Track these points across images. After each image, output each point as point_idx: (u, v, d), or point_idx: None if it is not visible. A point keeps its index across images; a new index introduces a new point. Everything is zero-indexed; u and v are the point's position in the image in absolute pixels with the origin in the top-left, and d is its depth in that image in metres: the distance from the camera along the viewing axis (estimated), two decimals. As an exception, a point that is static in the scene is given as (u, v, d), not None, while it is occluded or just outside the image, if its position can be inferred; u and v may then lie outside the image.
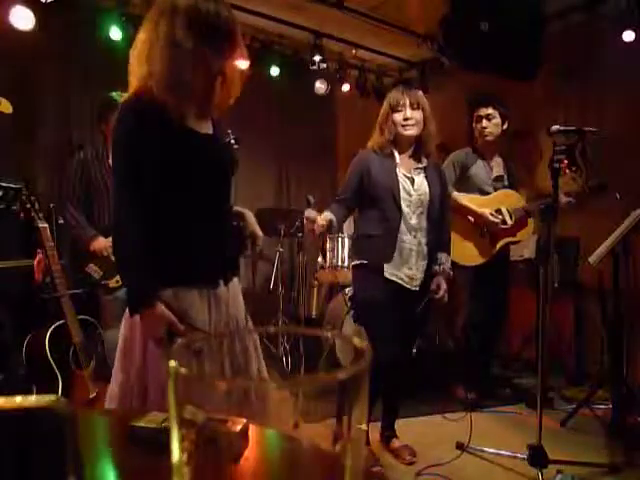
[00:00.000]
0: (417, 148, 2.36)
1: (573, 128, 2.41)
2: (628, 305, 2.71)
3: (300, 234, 4.05)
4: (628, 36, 3.46)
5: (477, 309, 3.20)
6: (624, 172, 3.50)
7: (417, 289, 2.30)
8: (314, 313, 4.45)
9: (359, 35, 4.25)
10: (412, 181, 2.31)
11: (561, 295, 3.54)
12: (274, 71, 4.38)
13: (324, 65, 4.31)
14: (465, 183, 3.13)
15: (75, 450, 0.37)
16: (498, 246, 3.07)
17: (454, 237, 2.97)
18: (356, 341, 0.31)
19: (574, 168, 3.49)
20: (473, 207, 3.05)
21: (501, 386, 3.38)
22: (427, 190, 2.31)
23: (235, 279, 1.54)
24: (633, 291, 2.64)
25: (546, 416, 2.28)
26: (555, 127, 2.35)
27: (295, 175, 5.18)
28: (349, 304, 3.25)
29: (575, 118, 3.61)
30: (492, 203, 3.09)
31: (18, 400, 0.31)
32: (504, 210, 3.07)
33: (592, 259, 2.64)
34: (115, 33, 3.54)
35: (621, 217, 2.67)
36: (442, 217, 2.39)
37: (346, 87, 4.81)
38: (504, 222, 3.05)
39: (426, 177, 2.34)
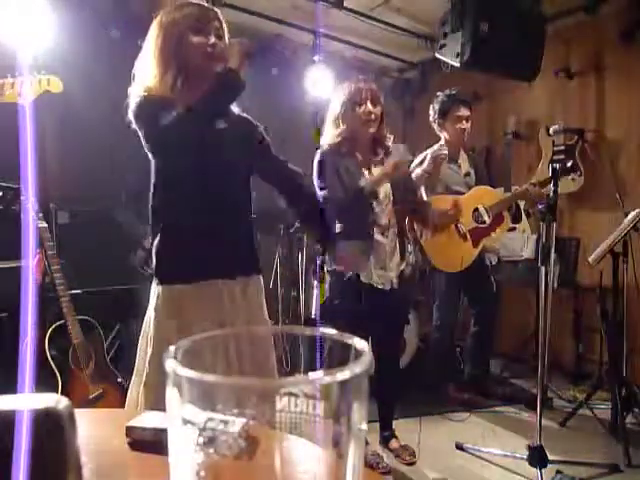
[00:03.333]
0: (374, 145, 2.29)
1: (573, 128, 2.41)
2: (628, 305, 2.71)
3: (299, 234, 4.03)
4: (627, 36, 3.46)
5: (466, 309, 3.23)
6: (624, 172, 3.51)
7: (389, 288, 2.26)
8: (314, 313, 4.44)
9: (359, 35, 4.25)
10: None
11: (561, 295, 3.54)
12: (274, 71, 4.38)
13: (324, 65, 4.31)
14: (435, 184, 2.94)
15: (75, 450, 0.37)
16: (480, 246, 3.01)
17: (437, 245, 2.91)
18: (356, 341, 0.31)
19: (574, 168, 3.49)
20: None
21: (501, 386, 3.39)
22: (389, 186, 2.25)
23: (254, 279, 1.58)
24: (633, 291, 2.64)
25: (546, 416, 2.28)
26: (555, 127, 2.36)
27: (295, 175, 5.17)
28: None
29: (575, 118, 3.61)
30: (469, 202, 3.02)
31: (18, 400, 0.31)
32: (481, 209, 3.01)
33: (592, 259, 2.64)
34: (115, 33, 3.54)
35: (621, 217, 2.67)
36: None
37: (346, 87, 4.80)
38: (483, 221, 3.01)
39: None
